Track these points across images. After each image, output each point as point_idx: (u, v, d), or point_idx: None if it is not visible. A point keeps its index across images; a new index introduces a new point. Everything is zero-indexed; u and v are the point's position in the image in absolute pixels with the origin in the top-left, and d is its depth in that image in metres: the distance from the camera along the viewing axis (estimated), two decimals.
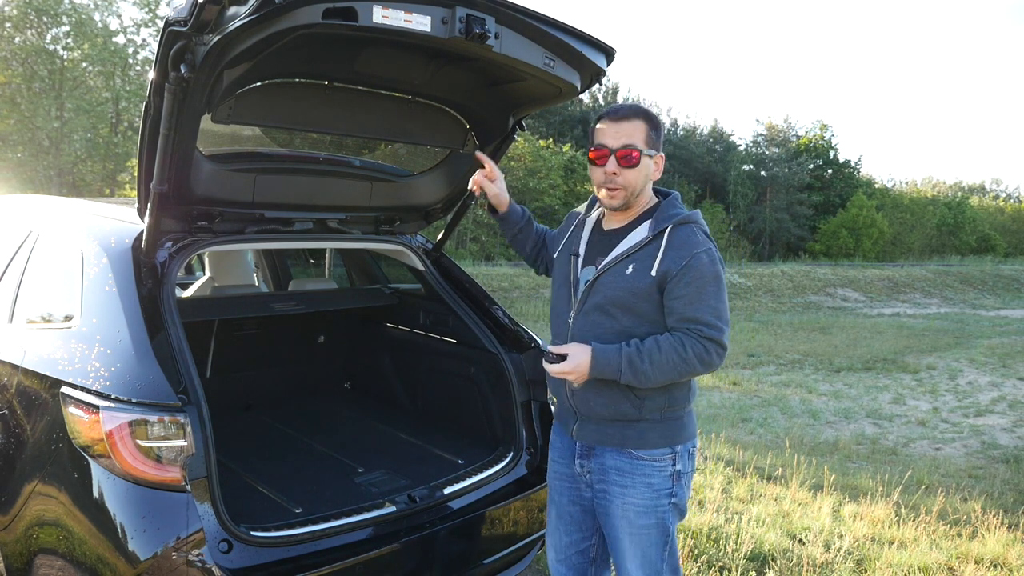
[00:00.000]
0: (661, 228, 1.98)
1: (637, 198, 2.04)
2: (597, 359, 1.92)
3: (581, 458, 2.13)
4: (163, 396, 1.93)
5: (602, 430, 2.06)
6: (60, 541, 2.00)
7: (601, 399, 2.02)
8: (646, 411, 2.00)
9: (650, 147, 2.00)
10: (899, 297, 25.63)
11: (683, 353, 1.90)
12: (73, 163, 21.04)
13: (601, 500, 2.10)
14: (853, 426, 7.43)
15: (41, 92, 20.23)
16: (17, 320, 2.47)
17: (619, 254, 2.01)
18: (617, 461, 2.04)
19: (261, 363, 3.90)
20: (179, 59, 1.81)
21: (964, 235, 45.64)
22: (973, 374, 10.44)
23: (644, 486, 2.02)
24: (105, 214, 2.61)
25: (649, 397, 1.99)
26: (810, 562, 3.42)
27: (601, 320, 1.99)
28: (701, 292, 1.92)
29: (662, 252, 1.94)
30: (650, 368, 1.90)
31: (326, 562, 2.08)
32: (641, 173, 1.99)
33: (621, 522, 2.05)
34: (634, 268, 1.97)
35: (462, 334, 3.21)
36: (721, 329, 1.93)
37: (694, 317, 1.92)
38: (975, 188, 68.28)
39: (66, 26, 20.53)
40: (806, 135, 44.96)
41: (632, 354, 1.91)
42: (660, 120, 2.06)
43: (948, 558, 3.58)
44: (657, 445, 2.02)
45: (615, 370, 1.91)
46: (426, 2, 1.85)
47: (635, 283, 1.95)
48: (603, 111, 2.06)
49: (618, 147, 1.97)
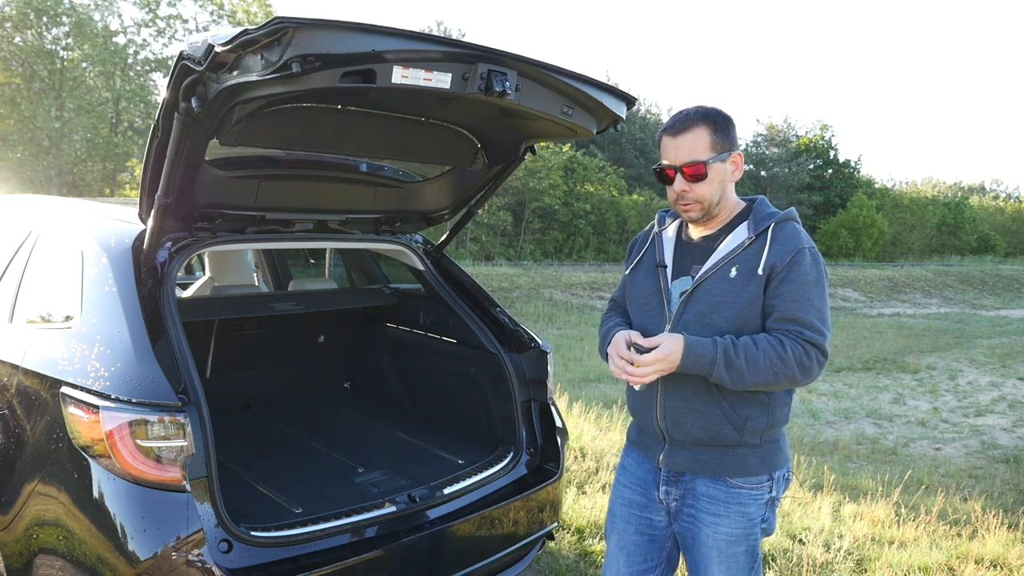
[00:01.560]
0: (763, 227, 1.85)
1: (719, 206, 1.89)
2: (690, 347, 1.74)
3: (667, 485, 1.96)
4: (163, 396, 1.93)
5: (697, 456, 1.89)
6: (60, 541, 2.00)
7: (700, 420, 1.85)
8: (747, 434, 1.84)
9: (719, 151, 1.84)
10: (899, 297, 25.63)
11: (782, 353, 1.73)
12: (73, 163, 21.04)
13: (688, 525, 1.95)
14: (853, 426, 7.43)
15: (41, 92, 20.24)
16: (17, 320, 2.47)
17: (721, 258, 1.85)
18: (710, 489, 1.89)
19: (261, 363, 3.90)
20: (190, 92, 1.79)
21: (964, 235, 45.64)
22: (973, 374, 10.44)
23: (739, 515, 1.88)
24: (105, 214, 2.61)
25: (751, 419, 1.84)
26: (810, 562, 3.42)
27: (702, 332, 1.82)
28: (805, 291, 1.77)
29: (767, 249, 1.80)
30: (744, 364, 1.73)
31: (326, 562, 2.08)
32: (712, 184, 1.85)
33: (711, 552, 1.91)
34: (738, 270, 1.82)
35: (462, 334, 3.21)
36: (824, 334, 1.78)
37: (796, 317, 1.76)
38: (975, 188, 68.28)
39: (66, 26, 20.54)
40: (806, 135, 44.97)
41: (728, 346, 1.74)
42: (727, 117, 1.88)
43: (948, 558, 3.58)
44: (756, 472, 1.88)
45: (708, 362, 1.74)
46: (446, 60, 1.82)
47: (741, 286, 1.80)
48: (664, 125, 1.91)
49: (681, 164, 1.85)
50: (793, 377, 1.75)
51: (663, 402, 1.91)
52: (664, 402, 1.90)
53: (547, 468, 2.83)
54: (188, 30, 23.34)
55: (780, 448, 1.93)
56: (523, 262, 28.42)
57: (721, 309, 1.81)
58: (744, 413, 1.84)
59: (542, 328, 15.00)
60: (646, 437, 2.02)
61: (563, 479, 2.88)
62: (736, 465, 1.87)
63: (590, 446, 5.13)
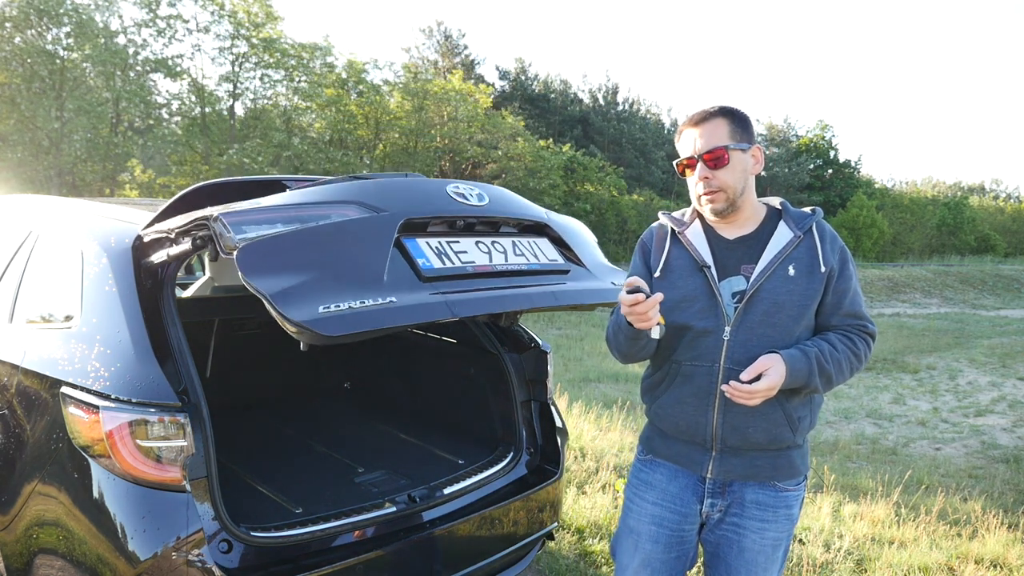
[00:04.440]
0: (806, 225, 1.87)
1: (743, 197, 1.87)
2: (791, 366, 1.75)
3: (713, 496, 1.91)
4: (163, 396, 1.93)
5: (751, 462, 1.87)
6: (60, 541, 2.00)
7: (763, 423, 1.83)
8: (799, 435, 1.87)
9: (739, 141, 1.85)
10: (899, 297, 25.62)
11: (856, 351, 1.83)
12: (73, 163, 21.03)
13: (728, 533, 1.93)
14: (853, 426, 7.43)
15: (41, 92, 20.23)
16: (17, 320, 2.47)
17: (775, 256, 1.84)
18: (759, 495, 1.89)
19: (261, 363, 3.89)
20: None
21: (964, 235, 45.64)
22: (973, 374, 10.44)
23: (785, 519, 1.91)
24: (105, 214, 2.61)
25: (803, 418, 1.86)
26: (810, 562, 3.42)
27: (767, 332, 1.81)
28: (856, 288, 1.87)
29: (821, 246, 1.84)
30: (833, 370, 1.79)
31: (326, 562, 2.08)
32: (736, 170, 1.85)
33: (757, 557, 1.91)
34: (795, 269, 1.83)
35: (462, 334, 3.21)
36: (872, 325, 1.90)
37: (857, 312, 1.87)
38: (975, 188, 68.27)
39: (67, 27, 20.54)
40: (806, 135, 44.95)
41: (819, 355, 1.78)
42: (744, 113, 1.90)
43: (948, 558, 3.58)
44: (799, 473, 1.92)
45: (806, 375, 1.76)
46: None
47: (805, 283, 1.82)
48: (684, 120, 1.93)
49: (704, 150, 1.85)
50: (859, 369, 1.87)
51: (723, 407, 1.85)
52: (725, 407, 1.85)
53: (547, 468, 2.83)
54: (188, 30, 23.33)
55: (809, 448, 2.00)
56: None
57: (786, 308, 1.82)
58: (799, 414, 1.87)
59: (542, 328, 15.00)
60: (686, 448, 1.94)
61: (563, 479, 2.88)
62: (787, 467, 1.90)
63: (590, 446, 5.13)
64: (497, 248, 2.25)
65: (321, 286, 1.78)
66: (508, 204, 2.38)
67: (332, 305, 1.73)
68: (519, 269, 2.25)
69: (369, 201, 2.02)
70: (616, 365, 9.83)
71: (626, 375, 9.53)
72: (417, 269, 2.00)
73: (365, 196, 2.05)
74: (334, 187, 2.10)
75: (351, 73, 26.74)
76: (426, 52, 37.86)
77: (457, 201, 2.19)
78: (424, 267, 2.02)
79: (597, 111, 39.76)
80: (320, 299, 1.74)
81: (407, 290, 1.91)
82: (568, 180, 31.61)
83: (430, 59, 37.61)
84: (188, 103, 24.50)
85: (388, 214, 2.01)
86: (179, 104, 24.50)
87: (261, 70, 25.26)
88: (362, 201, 2.01)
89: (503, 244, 2.28)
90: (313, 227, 1.89)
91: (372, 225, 1.98)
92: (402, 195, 2.14)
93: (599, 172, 33.00)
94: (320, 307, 1.72)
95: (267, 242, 1.79)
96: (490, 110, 30.34)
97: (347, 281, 1.83)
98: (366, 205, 2.01)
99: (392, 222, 2.01)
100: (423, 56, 37.64)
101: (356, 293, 1.80)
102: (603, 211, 32.23)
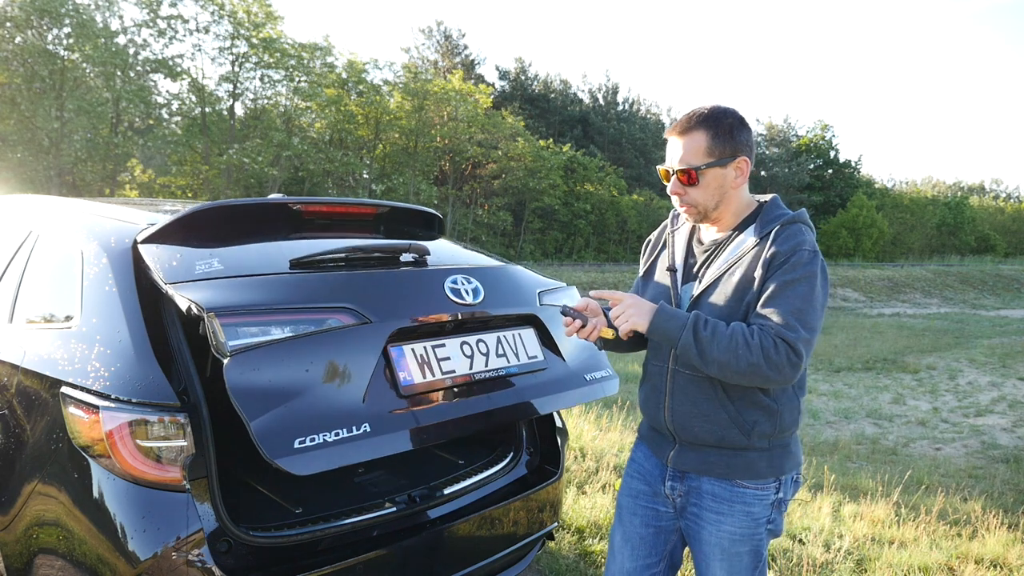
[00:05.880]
0: (769, 229, 1.83)
1: (717, 211, 1.88)
2: (664, 308, 1.78)
3: (672, 480, 1.98)
4: (163, 396, 1.93)
5: (705, 458, 1.90)
6: (60, 541, 2.00)
7: (706, 424, 1.86)
8: (755, 438, 1.85)
9: (717, 157, 1.81)
10: (899, 297, 25.64)
11: (749, 339, 1.70)
12: (73, 163, 21.04)
13: (692, 523, 1.97)
14: (853, 426, 7.43)
15: (41, 92, 20.24)
16: (17, 320, 2.47)
17: (724, 263, 1.86)
18: (715, 487, 1.91)
19: None
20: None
21: (964, 235, 45.65)
22: (973, 374, 10.44)
23: (743, 515, 1.89)
24: (105, 214, 2.61)
25: (758, 422, 1.84)
26: (810, 562, 3.42)
27: None
28: (790, 289, 1.74)
29: (767, 251, 1.79)
30: (710, 339, 1.72)
31: (326, 562, 2.08)
32: (709, 188, 1.84)
33: (713, 549, 1.92)
34: (742, 275, 1.81)
35: None
36: (797, 331, 1.70)
37: (770, 313, 1.73)
38: (975, 188, 68.29)
39: (67, 27, 20.55)
40: (806, 135, 44.95)
41: (698, 316, 1.76)
42: (733, 122, 1.83)
43: (948, 558, 3.58)
44: (764, 476, 1.88)
45: (678, 326, 1.75)
46: None
47: (744, 290, 1.80)
48: (671, 125, 1.91)
49: (677, 168, 1.85)
50: (758, 365, 1.70)
51: (670, 405, 1.92)
52: (672, 405, 1.92)
53: (547, 468, 2.83)
54: (189, 30, 23.33)
55: (790, 452, 1.93)
56: (523, 262, 28.39)
57: (726, 316, 1.81)
58: (752, 417, 1.84)
59: None
60: (656, 435, 2.04)
61: (563, 479, 2.88)
62: (743, 468, 1.88)
63: (590, 446, 5.14)
64: (481, 349, 2.35)
65: (301, 411, 1.89)
66: (502, 298, 2.46)
67: (307, 439, 1.85)
68: (496, 375, 2.35)
69: (363, 306, 2.10)
70: (616, 365, 9.84)
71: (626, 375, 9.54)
72: (397, 385, 2.10)
73: (361, 299, 2.11)
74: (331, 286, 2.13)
75: (351, 73, 26.75)
76: (426, 52, 37.89)
77: (452, 301, 2.29)
78: (404, 382, 2.12)
79: (597, 111, 39.78)
80: (297, 429, 1.85)
81: (385, 409, 2.04)
82: (568, 180, 31.63)
83: (430, 59, 37.62)
84: (188, 103, 24.51)
85: (379, 324, 2.09)
86: (179, 104, 24.52)
87: (261, 70, 25.27)
88: (356, 308, 2.08)
89: (488, 343, 2.38)
90: (304, 336, 1.97)
91: (362, 336, 2.06)
92: (398, 297, 2.21)
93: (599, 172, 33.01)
94: (296, 440, 1.83)
95: (257, 354, 1.88)
96: (490, 110, 30.35)
97: (327, 405, 1.94)
98: (359, 313, 2.08)
99: (382, 332, 2.10)
100: (423, 56, 37.66)
101: (333, 422, 1.91)
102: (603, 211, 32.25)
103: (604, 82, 42.84)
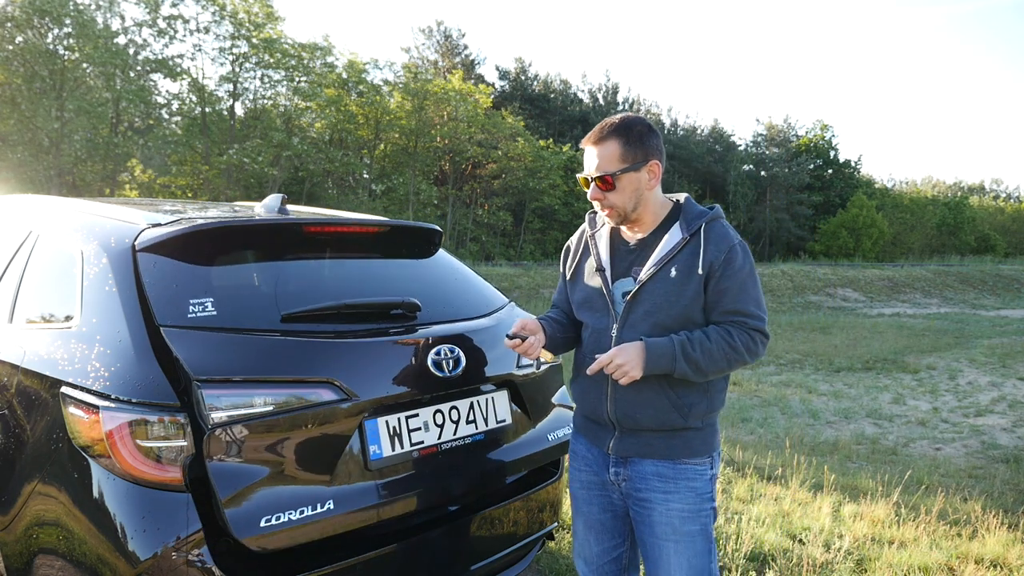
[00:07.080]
0: (696, 227, 1.98)
1: (636, 212, 2.02)
2: (651, 349, 1.89)
3: (616, 467, 2.08)
4: (163, 396, 1.93)
5: (646, 441, 2.02)
6: (60, 541, 2.00)
7: (649, 410, 1.98)
8: (691, 419, 1.98)
9: (630, 162, 1.96)
10: (899, 297, 25.65)
11: (732, 342, 1.90)
12: (73, 163, 21.04)
13: (640, 509, 2.05)
14: (853, 426, 7.43)
15: (41, 92, 20.24)
16: (17, 320, 2.47)
17: (659, 259, 1.97)
18: (659, 467, 2.01)
19: None
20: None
21: (964, 235, 45.66)
22: (973, 374, 10.44)
23: (688, 491, 2.00)
24: (105, 214, 2.61)
25: (695, 404, 1.98)
26: (810, 562, 3.42)
27: (648, 330, 1.96)
28: (743, 284, 1.93)
29: (703, 248, 1.94)
30: (702, 357, 1.88)
31: (326, 562, 2.08)
32: (626, 192, 1.98)
33: (665, 530, 2.00)
34: (678, 270, 1.95)
35: None
36: (763, 319, 1.96)
37: (738, 309, 1.93)
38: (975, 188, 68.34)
39: (68, 27, 20.55)
40: (806, 135, 44.93)
41: (684, 342, 1.89)
42: (643, 129, 1.98)
43: (948, 558, 3.58)
44: (700, 453, 2.02)
45: (670, 359, 1.89)
46: None
47: (683, 285, 1.94)
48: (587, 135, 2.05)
49: (595, 175, 1.99)
50: (743, 361, 1.94)
51: (614, 395, 2.02)
52: (615, 395, 2.02)
53: (547, 468, 2.83)
54: (189, 30, 23.33)
55: (716, 430, 2.09)
56: (523, 262, 28.43)
57: (666, 308, 1.95)
58: (688, 400, 1.99)
59: None
60: (594, 426, 2.14)
61: (563, 479, 2.88)
62: (682, 447, 2.01)
63: None
64: (452, 416, 2.40)
65: (270, 488, 1.96)
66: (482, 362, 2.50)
67: (273, 518, 1.93)
68: (461, 444, 2.40)
69: (347, 379, 2.13)
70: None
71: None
72: (367, 459, 2.16)
73: (345, 372, 2.14)
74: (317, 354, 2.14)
75: (351, 73, 26.74)
76: (426, 52, 37.87)
77: (433, 375, 2.33)
78: (373, 456, 2.17)
79: (597, 111, 39.77)
80: (265, 507, 1.93)
81: (351, 485, 2.11)
82: (568, 180, 31.60)
83: (430, 59, 37.60)
84: (188, 103, 24.50)
85: (358, 401, 2.13)
86: (179, 104, 24.51)
87: (261, 70, 25.27)
88: (339, 382, 2.11)
89: (460, 409, 2.43)
90: (284, 409, 2.01)
91: (340, 413, 2.11)
92: (381, 370, 2.24)
93: None
94: (262, 520, 1.91)
95: (237, 429, 1.93)
96: (490, 110, 30.35)
97: (295, 481, 2.02)
98: (341, 388, 2.12)
99: (361, 408, 2.15)
100: (423, 56, 37.64)
101: (299, 499, 1.99)
102: None
103: (604, 82, 42.84)
